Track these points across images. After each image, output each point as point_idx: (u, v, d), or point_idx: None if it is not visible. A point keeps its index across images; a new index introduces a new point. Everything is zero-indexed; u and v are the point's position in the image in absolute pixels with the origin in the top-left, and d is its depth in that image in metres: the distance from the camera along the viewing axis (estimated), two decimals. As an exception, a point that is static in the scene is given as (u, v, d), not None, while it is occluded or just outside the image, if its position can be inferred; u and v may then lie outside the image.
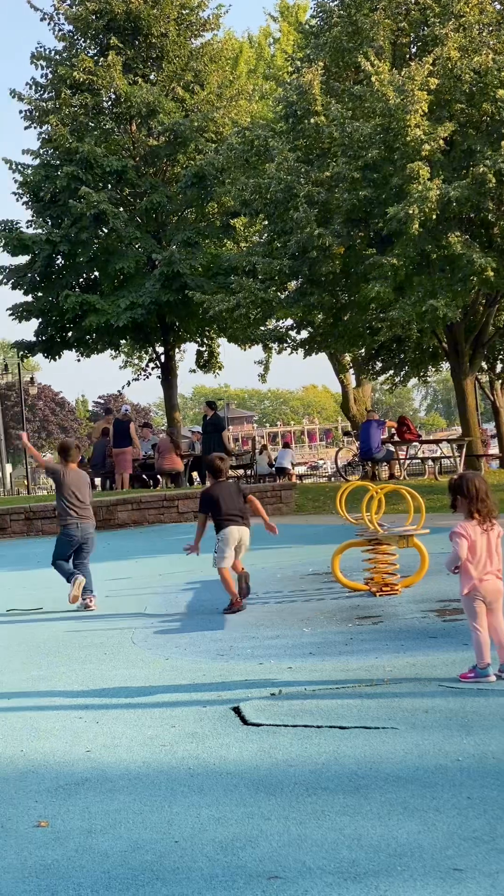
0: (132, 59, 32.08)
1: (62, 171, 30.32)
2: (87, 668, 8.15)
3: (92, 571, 12.08)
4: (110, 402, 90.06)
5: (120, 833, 4.52)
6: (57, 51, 32.94)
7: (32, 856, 4.33)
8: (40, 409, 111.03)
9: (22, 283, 32.46)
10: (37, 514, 22.16)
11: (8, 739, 6.20)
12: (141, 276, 30.75)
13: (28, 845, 4.46)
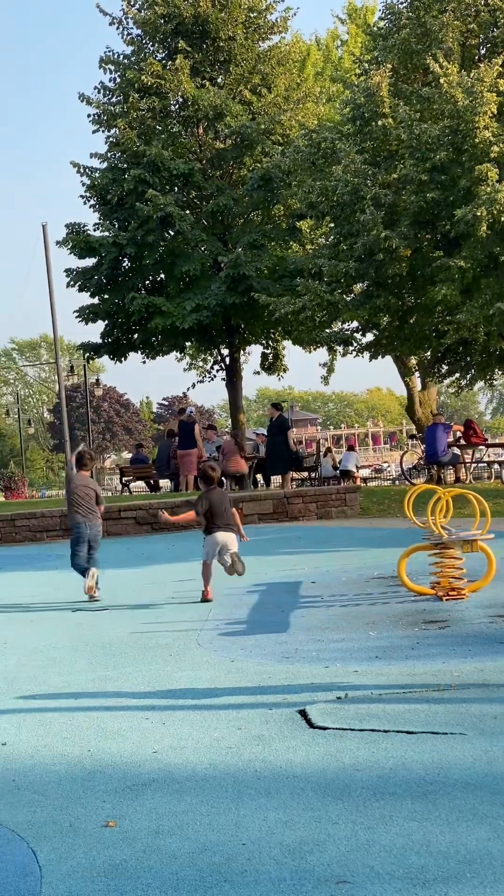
0: (200, 62, 32.19)
1: (129, 174, 30.50)
2: (152, 668, 8.17)
3: (158, 572, 12.16)
4: (175, 403, 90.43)
5: (188, 834, 4.52)
6: (125, 55, 33.16)
7: (101, 855, 4.35)
8: (105, 410, 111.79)
9: (89, 286, 32.69)
10: (102, 514, 22.28)
11: (75, 739, 6.24)
12: (207, 279, 30.85)
13: (97, 845, 4.48)
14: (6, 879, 4.19)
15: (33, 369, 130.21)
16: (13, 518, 22.68)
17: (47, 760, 5.86)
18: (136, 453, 36.83)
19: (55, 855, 4.40)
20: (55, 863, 4.31)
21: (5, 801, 5.21)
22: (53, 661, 8.80)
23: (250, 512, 21.76)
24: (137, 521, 22.05)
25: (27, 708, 7.16)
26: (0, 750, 6.14)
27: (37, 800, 5.18)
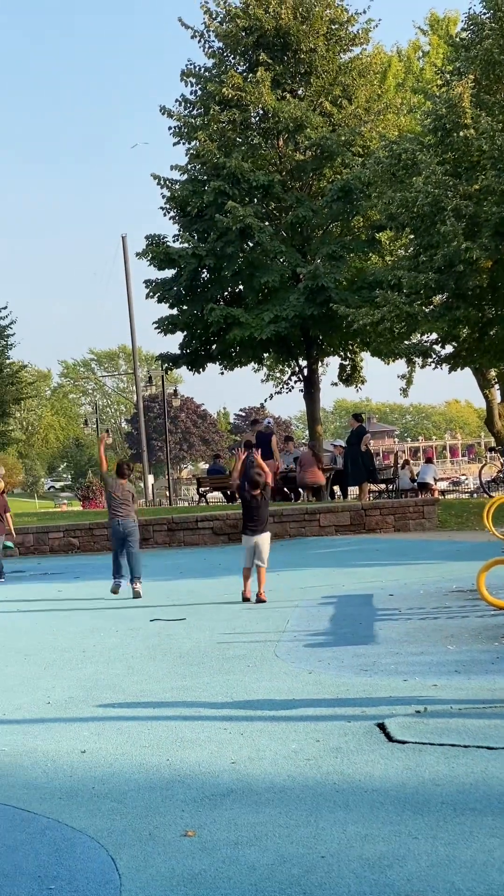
0: (281, 74, 32.26)
1: (209, 185, 30.65)
2: (230, 679, 8.17)
3: (234, 583, 12.21)
4: (252, 414, 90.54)
5: (266, 846, 4.51)
6: (207, 68, 33.34)
7: (180, 865, 4.36)
8: (182, 420, 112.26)
9: (168, 297, 32.89)
10: (179, 525, 22.41)
11: (154, 748, 6.26)
12: (285, 290, 30.88)
13: (176, 854, 4.49)
14: (86, 887, 4.21)
15: (112, 380, 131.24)
16: (91, 527, 22.88)
17: (126, 769, 5.89)
18: (213, 464, 36.90)
19: (134, 863, 4.42)
20: (134, 871, 4.33)
21: (85, 808, 5.24)
22: (131, 670, 8.85)
23: (328, 524, 21.73)
24: (214, 531, 22.12)
25: (106, 716, 7.20)
26: (80, 758, 6.18)
27: (116, 808, 5.21)
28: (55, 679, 8.71)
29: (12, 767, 6.08)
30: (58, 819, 5.10)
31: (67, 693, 8.09)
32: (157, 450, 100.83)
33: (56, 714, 7.39)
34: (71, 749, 6.38)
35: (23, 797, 5.50)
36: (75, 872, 4.38)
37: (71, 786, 5.64)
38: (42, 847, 4.73)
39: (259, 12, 31.72)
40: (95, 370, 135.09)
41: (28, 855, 4.63)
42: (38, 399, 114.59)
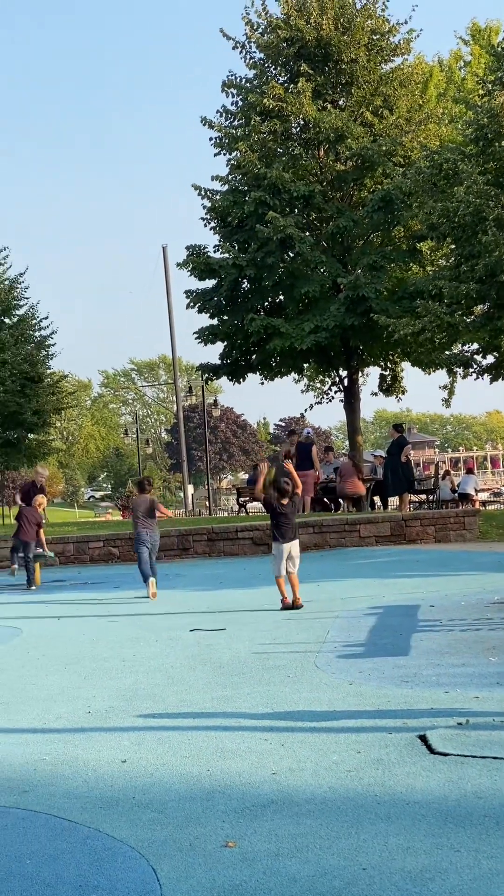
0: (322, 85, 32.25)
1: (250, 196, 30.68)
2: (270, 689, 8.16)
3: (274, 593, 12.97)
4: (292, 424, 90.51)
5: (307, 857, 4.50)
6: (248, 78, 33.39)
7: (221, 875, 4.35)
8: (222, 430, 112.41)
9: (208, 307, 32.93)
10: (219, 535, 22.41)
11: (195, 759, 6.25)
12: (326, 300, 30.84)
13: (217, 865, 4.48)
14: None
15: (152, 390, 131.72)
16: (132, 537, 22.87)
17: (167, 778, 5.89)
18: (253, 474, 36.89)
19: (175, 874, 4.42)
20: (175, 881, 4.33)
21: (126, 818, 5.24)
22: (171, 680, 8.85)
23: (368, 534, 21.67)
24: (254, 541, 22.11)
25: (146, 726, 7.21)
26: (120, 767, 6.18)
27: (157, 818, 5.21)
28: (95, 688, 8.73)
29: (53, 776, 6.10)
30: (98, 829, 5.11)
31: (108, 702, 8.10)
32: (197, 460, 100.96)
33: (96, 723, 7.41)
34: (111, 758, 6.39)
35: (64, 806, 5.52)
36: (116, 882, 4.38)
37: (112, 795, 5.65)
38: (83, 856, 4.73)
39: (300, 23, 31.74)
40: (136, 380, 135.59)
41: (69, 864, 4.64)
42: (78, 409, 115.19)
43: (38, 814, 5.43)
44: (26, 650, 11.27)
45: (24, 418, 37.73)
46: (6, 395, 36.34)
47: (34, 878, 4.49)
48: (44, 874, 4.53)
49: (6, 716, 7.89)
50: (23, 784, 5.98)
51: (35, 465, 43.62)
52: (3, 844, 4.97)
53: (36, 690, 8.83)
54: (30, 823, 5.29)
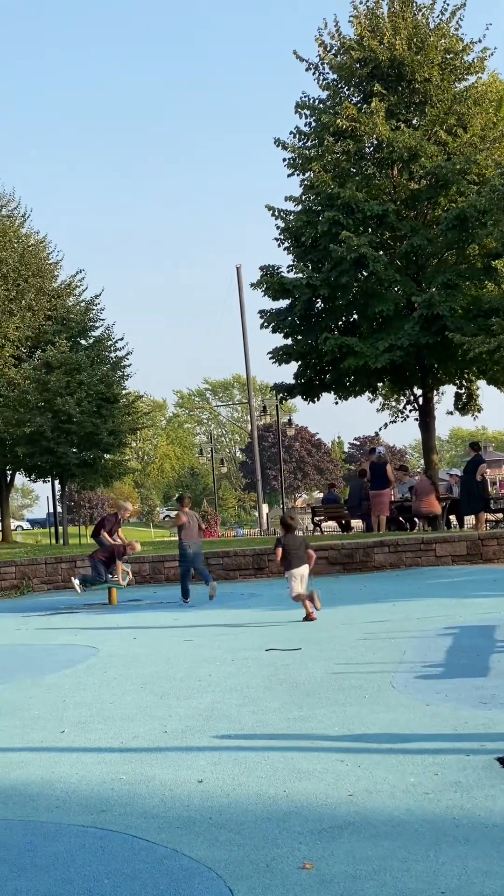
0: (395, 104, 32.23)
1: (324, 216, 30.72)
2: (346, 710, 8.13)
3: (350, 612, 12.74)
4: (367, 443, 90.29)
5: (385, 880, 4.47)
6: (321, 99, 33.46)
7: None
8: (297, 450, 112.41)
9: (282, 327, 33.00)
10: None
11: (271, 779, 6.25)
12: (400, 319, 30.75)
13: (294, 887, 4.47)
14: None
15: (226, 409, 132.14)
16: (206, 556, 22.96)
17: (243, 799, 5.89)
18: (329, 493, 36.85)
19: (252, 895, 4.41)
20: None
21: (203, 838, 5.25)
22: (247, 700, 8.86)
23: (444, 553, 21.51)
24: (329, 560, 22.03)
25: (222, 746, 7.22)
26: (196, 787, 6.20)
27: (233, 838, 5.21)
28: (171, 708, 8.76)
29: (130, 796, 6.13)
30: (176, 848, 5.12)
31: (184, 722, 8.13)
32: (272, 479, 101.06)
33: (173, 743, 7.43)
34: (188, 778, 6.41)
35: (141, 826, 5.54)
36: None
37: (188, 815, 5.67)
38: (160, 876, 4.75)
39: (373, 44, 31.77)
40: (210, 400, 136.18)
41: (146, 884, 4.66)
42: (153, 429, 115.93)
43: (116, 833, 5.46)
44: (103, 670, 11.34)
45: (100, 438, 38.04)
46: (83, 416, 36.67)
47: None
48: (122, 894, 4.55)
49: (84, 735, 7.95)
50: (100, 803, 6.02)
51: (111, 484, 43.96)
52: (82, 864, 5.01)
53: (113, 710, 8.89)
54: (107, 843, 5.32)
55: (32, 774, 6.82)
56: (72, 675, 11.11)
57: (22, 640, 14.81)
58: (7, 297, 42.89)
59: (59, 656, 12.87)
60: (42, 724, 8.46)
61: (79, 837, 5.44)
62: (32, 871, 4.94)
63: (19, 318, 42.75)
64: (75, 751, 7.44)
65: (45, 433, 36.53)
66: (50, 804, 6.09)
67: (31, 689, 10.31)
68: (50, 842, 5.40)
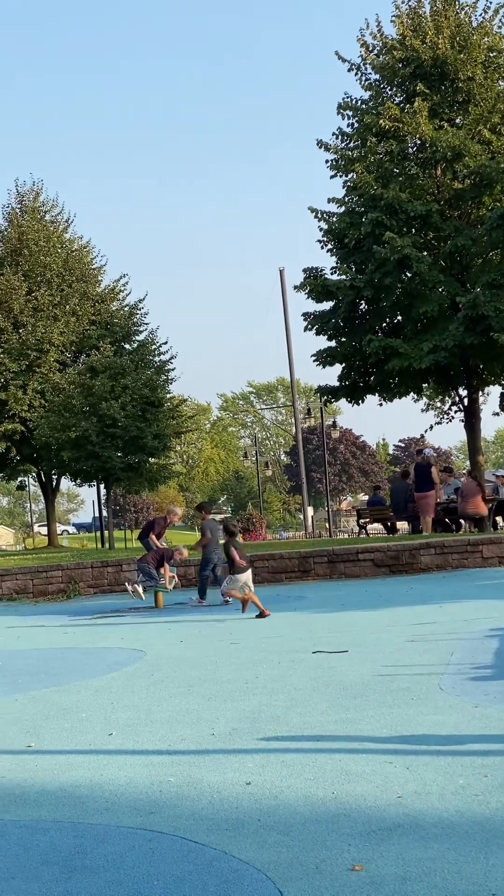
0: (438, 104, 32.10)
1: (367, 217, 30.64)
2: (394, 712, 8.10)
3: (397, 614, 12.73)
4: (412, 445, 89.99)
5: (435, 882, 4.45)
6: (363, 100, 33.38)
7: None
8: (341, 452, 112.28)
9: (326, 329, 32.95)
10: (339, 556, 22.34)
11: (319, 781, 6.23)
12: (444, 320, 30.60)
13: (344, 889, 4.45)
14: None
15: (270, 412, 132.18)
16: (252, 559, 22.93)
17: (291, 801, 5.88)
18: (374, 495, 36.76)
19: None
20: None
21: (251, 840, 5.25)
22: (295, 702, 8.84)
23: (491, 555, 21.39)
24: (375, 563, 21.99)
25: (270, 748, 7.21)
26: (244, 789, 6.19)
27: (282, 840, 5.20)
28: (219, 710, 8.76)
29: (179, 798, 6.13)
30: (225, 850, 5.12)
31: (231, 725, 8.12)
32: (317, 481, 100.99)
33: (220, 745, 7.43)
34: (235, 780, 6.41)
35: (189, 828, 5.54)
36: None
37: (237, 817, 5.66)
38: (210, 878, 4.75)
39: (416, 43, 31.66)
40: (254, 403, 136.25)
41: (196, 886, 4.65)
42: (198, 432, 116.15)
43: (165, 835, 5.47)
44: (150, 672, 11.37)
45: (144, 442, 38.10)
46: (127, 420, 36.75)
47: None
48: (171, 895, 4.55)
49: (132, 738, 7.97)
50: (149, 805, 6.03)
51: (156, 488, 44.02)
52: (131, 865, 5.02)
53: (160, 712, 8.90)
54: (156, 845, 5.32)
55: (81, 777, 6.85)
56: (119, 678, 11.14)
57: (70, 644, 14.88)
58: (51, 302, 43.13)
59: (107, 659, 12.91)
60: (90, 727, 8.49)
61: (128, 839, 5.45)
62: (83, 873, 4.95)
63: (63, 323, 42.98)
64: (123, 753, 7.45)
65: (90, 437, 36.64)
66: (99, 806, 6.11)
67: (79, 693, 10.35)
68: (100, 844, 5.41)
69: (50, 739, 8.16)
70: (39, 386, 42.12)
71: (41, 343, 42.12)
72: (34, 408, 41.72)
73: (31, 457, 45.14)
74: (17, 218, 45.50)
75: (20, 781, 6.86)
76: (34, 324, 42.33)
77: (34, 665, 12.83)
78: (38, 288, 43.49)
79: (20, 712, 9.45)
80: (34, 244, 43.91)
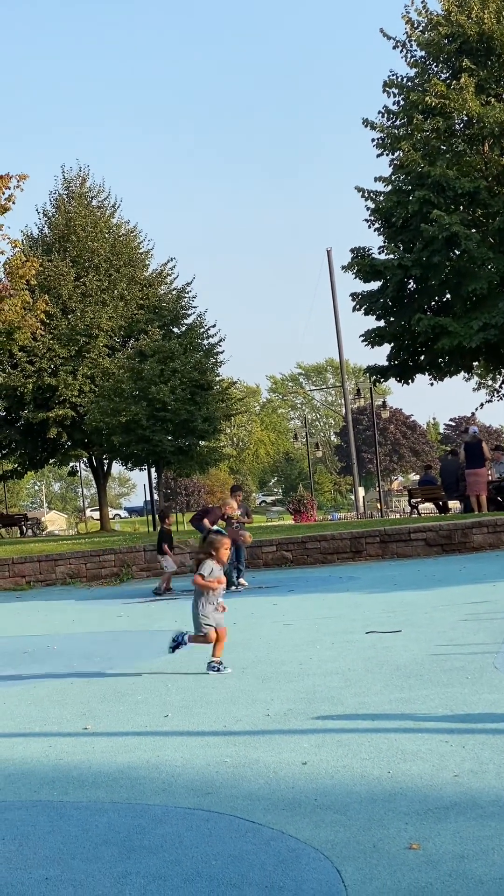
0: (484, 79, 31.79)
1: (414, 195, 30.47)
2: (449, 691, 8.08)
3: (450, 594, 12.78)
4: (462, 424, 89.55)
5: (493, 860, 4.44)
6: (409, 77, 33.15)
7: (406, 878, 4.32)
8: (391, 432, 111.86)
9: (374, 309, 32.84)
10: (391, 536, 22.29)
11: (375, 760, 6.24)
12: (494, 297, 30.38)
13: (401, 867, 4.45)
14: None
15: (320, 393, 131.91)
16: (304, 541, 22.99)
17: (347, 780, 5.89)
18: (425, 475, 36.66)
19: (360, 875, 4.41)
20: (360, 883, 4.32)
21: (308, 819, 5.26)
22: (349, 683, 8.85)
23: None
24: (427, 542, 21.92)
25: (325, 728, 7.22)
26: (300, 769, 6.21)
27: (339, 819, 5.21)
28: (273, 692, 8.78)
29: (235, 778, 6.16)
30: (282, 830, 5.14)
31: (286, 705, 8.14)
32: (367, 462, 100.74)
33: (275, 726, 7.46)
34: (291, 761, 6.43)
35: (246, 808, 5.57)
36: (301, 883, 4.40)
37: (293, 797, 5.68)
38: (267, 857, 4.77)
39: (461, 18, 31.37)
40: (304, 384, 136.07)
41: (253, 865, 4.68)
42: (247, 415, 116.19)
43: (222, 815, 5.50)
44: (204, 655, 11.40)
45: (194, 426, 38.23)
46: (177, 404, 36.88)
47: (220, 878, 4.55)
48: (229, 875, 4.58)
49: (188, 719, 8.01)
50: (205, 786, 6.06)
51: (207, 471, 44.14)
52: (189, 845, 5.05)
53: (215, 694, 8.94)
54: (214, 825, 5.36)
55: (138, 758, 6.89)
56: (173, 660, 11.19)
57: (124, 627, 14.97)
58: (100, 287, 43.31)
59: (161, 642, 12.96)
60: (146, 709, 8.55)
61: (185, 819, 5.48)
62: (141, 853, 4.99)
63: (112, 308, 43.16)
64: (179, 735, 7.50)
65: (140, 421, 36.81)
66: (156, 787, 6.15)
67: (135, 675, 10.43)
68: (157, 824, 5.45)
69: (106, 722, 8.22)
70: (89, 371, 42.37)
71: (90, 328, 42.33)
72: (84, 393, 41.98)
73: (82, 442, 45.44)
74: (65, 204, 45.73)
75: (77, 763, 6.93)
76: (83, 309, 42.56)
77: (89, 648, 12.92)
78: (86, 273, 43.69)
79: (76, 695, 9.53)
80: (81, 230, 44.12)
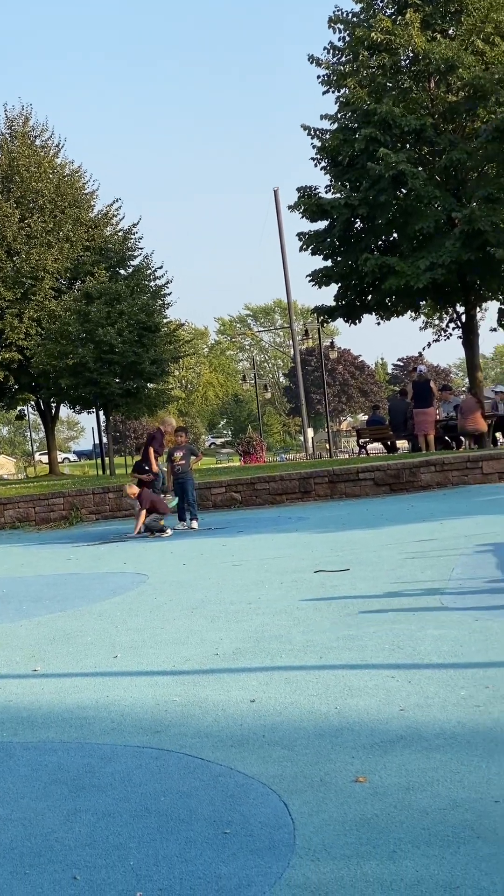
0: (430, 15, 31.56)
1: (360, 133, 30.31)
2: (396, 628, 8.16)
3: (397, 532, 12.15)
4: (410, 364, 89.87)
5: (438, 791, 4.51)
6: (354, 13, 32.85)
7: (352, 810, 4.39)
8: (340, 373, 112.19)
9: (321, 249, 32.75)
10: (340, 476, 22.38)
11: (322, 697, 6.30)
12: (441, 236, 30.37)
13: (348, 799, 4.52)
14: (260, 831, 4.28)
15: (268, 335, 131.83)
16: (253, 482, 23.03)
17: (295, 717, 5.95)
18: (373, 415, 36.79)
19: (307, 808, 4.47)
20: (307, 816, 4.38)
21: (256, 755, 5.31)
22: (297, 622, 8.91)
23: (491, 471, 21.43)
24: (376, 482, 22.04)
25: (273, 666, 7.28)
26: (249, 707, 6.26)
27: (287, 755, 5.27)
28: (222, 631, 8.83)
29: (184, 717, 6.20)
30: (230, 766, 5.19)
31: (235, 644, 8.19)
32: (316, 403, 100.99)
33: (224, 665, 7.50)
34: (240, 699, 6.47)
35: (195, 745, 5.61)
36: (249, 817, 4.45)
37: (242, 734, 5.73)
38: (216, 793, 4.82)
39: (406, -48, 31.09)
40: (252, 326, 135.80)
41: (203, 801, 4.72)
42: (196, 357, 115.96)
43: (171, 752, 5.54)
44: (153, 596, 11.44)
45: (142, 368, 38.07)
46: (124, 346, 36.67)
47: (169, 814, 4.59)
48: (178, 811, 4.62)
49: (137, 659, 8.04)
50: (155, 724, 6.10)
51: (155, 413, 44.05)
52: (138, 783, 5.09)
53: (164, 634, 8.97)
54: (163, 762, 5.39)
55: (88, 698, 6.92)
56: (122, 601, 11.22)
57: (73, 570, 14.97)
58: (44, 228, 42.81)
59: (110, 584, 13.00)
60: (95, 650, 8.57)
61: (135, 758, 5.52)
62: (91, 791, 5.02)
63: (57, 249, 42.71)
64: (128, 675, 7.52)
65: (87, 364, 36.61)
66: (105, 727, 6.18)
67: (84, 617, 10.43)
68: (107, 763, 5.48)
69: (55, 663, 8.23)
70: (35, 314, 41.97)
71: (36, 270, 41.88)
72: (31, 336, 41.62)
73: (29, 385, 45.15)
74: (7, 143, 45.02)
75: (27, 704, 6.94)
76: (28, 251, 42.07)
77: (38, 591, 12.92)
78: (30, 215, 43.16)
79: (25, 638, 9.53)
80: (25, 170, 43.51)
